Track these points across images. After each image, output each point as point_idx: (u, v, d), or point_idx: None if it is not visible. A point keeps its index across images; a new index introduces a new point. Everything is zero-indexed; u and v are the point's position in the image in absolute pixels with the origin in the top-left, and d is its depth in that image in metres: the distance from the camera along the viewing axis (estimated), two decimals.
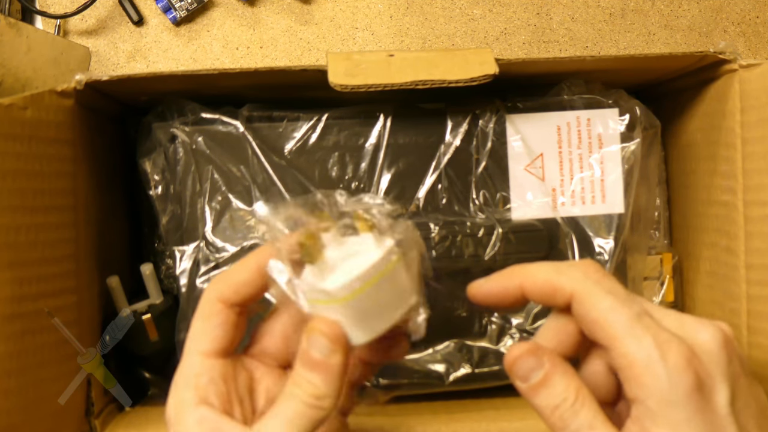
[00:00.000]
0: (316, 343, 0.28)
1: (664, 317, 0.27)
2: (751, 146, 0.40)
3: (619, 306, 0.27)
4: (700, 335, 0.27)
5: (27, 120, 0.36)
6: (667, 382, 0.25)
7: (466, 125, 0.42)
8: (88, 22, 0.56)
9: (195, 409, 0.29)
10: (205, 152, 0.42)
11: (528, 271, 0.29)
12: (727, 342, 0.27)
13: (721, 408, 0.26)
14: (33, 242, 0.36)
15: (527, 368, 0.28)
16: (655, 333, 0.26)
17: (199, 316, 0.30)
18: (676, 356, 0.25)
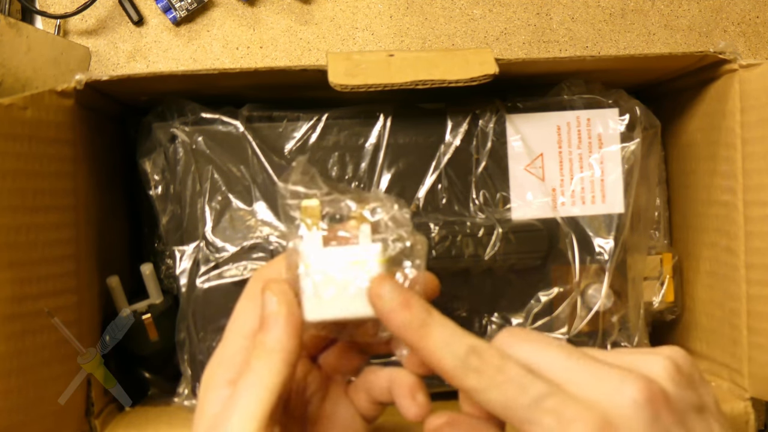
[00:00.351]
0: (266, 301, 0.28)
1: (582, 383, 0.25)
2: (751, 146, 0.40)
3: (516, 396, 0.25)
4: (616, 398, 0.24)
5: (27, 120, 0.36)
6: None
7: (466, 125, 0.42)
8: (88, 22, 0.56)
9: (222, 387, 0.29)
10: (205, 152, 0.42)
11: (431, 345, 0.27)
12: (650, 395, 0.24)
13: None
14: (33, 242, 0.36)
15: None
16: (559, 413, 0.24)
17: (244, 297, 0.30)
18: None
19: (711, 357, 0.45)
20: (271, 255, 0.41)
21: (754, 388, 0.41)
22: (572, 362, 0.26)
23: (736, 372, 0.42)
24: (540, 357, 0.26)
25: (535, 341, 0.27)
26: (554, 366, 0.26)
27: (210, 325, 0.42)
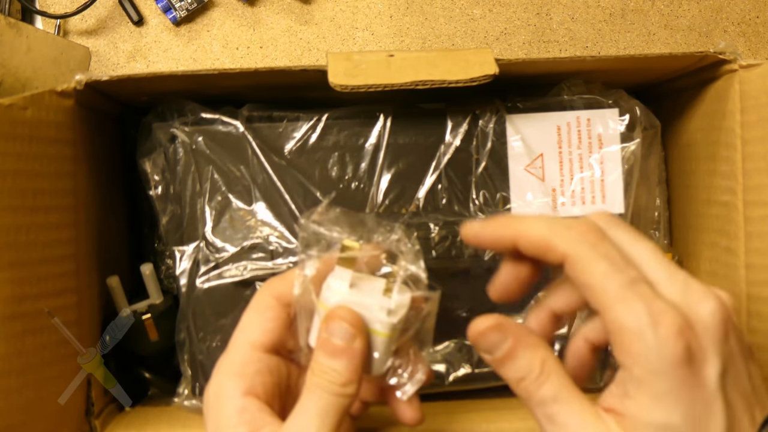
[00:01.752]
0: (337, 330, 0.28)
1: (666, 284, 0.26)
2: (751, 146, 0.40)
3: (613, 272, 0.26)
4: (699, 307, 0.26)
5: (27, 120, 0.36)
6: (655, 350, 0.25)
7: (466, 125, 0.42)
8: (88, 22, 0.56)
9: (239, 398, 0.29)
10: (205, 152, 0.42)
11: (523, 226, 0.28)
12: (726, 317, 0.26)
13: (710, 382, 0.25)
14: (33, 242, 0.36)
15: (491, 343, 0.28)
16: (649, 301, 0.26)
17: (252, 308, 0.31)
18: (668, 326, 0.25)
19: None
20: (271, 255, 0.41)
21: None
22: (663, 264, 0.27)
23: None
24: (633, 248, 0.27)
25: (629, 230, 0.28)
26: (646, 261, 0.27)
27: (210, 325, 0.42)
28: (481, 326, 0.28)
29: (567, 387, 0.27)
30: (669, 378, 0.25)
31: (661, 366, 0.25)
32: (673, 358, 0.25)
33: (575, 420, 0.26)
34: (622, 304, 0.26)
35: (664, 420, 0.25)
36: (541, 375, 0.27)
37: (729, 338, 0.26)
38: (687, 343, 0.25)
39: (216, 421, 0.29)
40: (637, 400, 0.25)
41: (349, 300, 0.29)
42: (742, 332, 0.27)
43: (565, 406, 0.26)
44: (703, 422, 0.25)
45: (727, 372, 0.26)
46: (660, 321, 0.25)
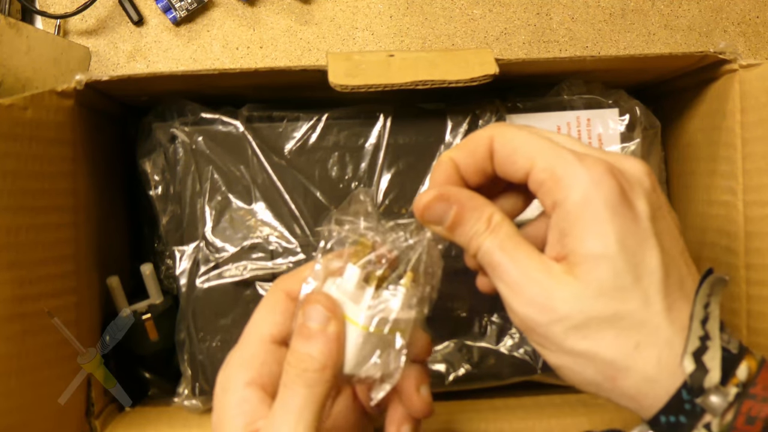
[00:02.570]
0: (313, 314, 0.28)
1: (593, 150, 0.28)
2: (751, 146, 0.40)
3: (533, 136, 0.28)
4: (626, 161, 0.27)
5: (27, 120, 0.36)
6: (589, 182, 0.26)
7: (466, 125, 0.42)
8: (88, 22, 0.56)
9: (242, 389, 0.29)
10: (205, 152, 0.42)
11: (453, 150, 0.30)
12: (650, 173, 0.27)
13: (642, 219, 0.26)
14: (33, 243, 0.36)
15: (438, 214, 0.29)
16: (576, 150, 0.27)
17: (264, 304, 0.31)
18: (598, 166, 0.26)
19: None
20: (271, 255, 0.41)
21: None
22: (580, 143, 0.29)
23: None
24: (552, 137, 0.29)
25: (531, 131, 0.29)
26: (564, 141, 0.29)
27: (210, 325, 0.42)
28: (425, 199, 0.29)
29: (512, 238, 0.28)
30: (603, 208, 0.25)
31: (595, 196, 0.26)
32: (606, 190, 0.26)
33: (519, 266, 0.27)
34: (551, 152, 0.27)
35: (601, 249, 0.25)
36: (486, 230, 0.28)
37: (656, 191, 0.27)
38: (618, 183, 0.26)
39: (219, 410, 0.29)
40: (572, 235, 0.26)
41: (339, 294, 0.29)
42: (664, 197, 0.28)
43: (508, 254, 0.27)
44: (638, 255, 0.25)
45: (656, 218, 0.26)
46: (590, 165, 0.26)
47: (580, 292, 0.25)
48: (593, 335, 0.25)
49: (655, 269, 0.25)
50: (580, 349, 0.25)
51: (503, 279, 0.27)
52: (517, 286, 0.27)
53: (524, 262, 0.27)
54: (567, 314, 0.25)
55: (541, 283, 0.26)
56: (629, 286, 0.25)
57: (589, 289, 0.25)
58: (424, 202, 0.29)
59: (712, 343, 0.25)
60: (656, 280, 0.25)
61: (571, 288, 0.25)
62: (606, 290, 0.25)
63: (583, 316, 0.25)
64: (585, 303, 0.25)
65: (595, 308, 0.25)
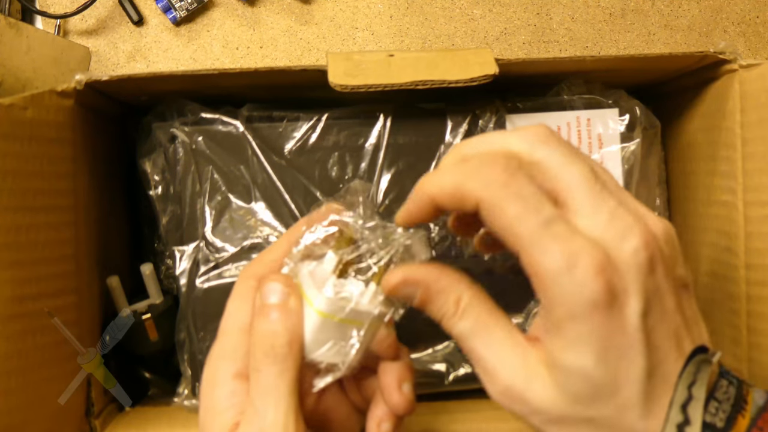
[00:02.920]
0: (271, 291, 0.28)
1: (590, 217, 0.25)
2: (751, 146, 0.40)
3: (526, 213, 0.25)
4: (623, 243, 0.24)
5: (27, 120, 0.36)
6: (572, 294, 0.24)
7: (465, 125, 0.42)
8: (88, 22, 0.56)
9: (230, 382, 0.29)
10: (205, 152, 0.42)
11: (435, 182, 0.27)
12: (651, 251, 0.24)
13: (630, 324, 0.24)
14: (33, 242, 0.36)
15: (405, 295, 0.28)
16: (564, 241, 0.24)
17: (236, 294, 0.31)
18: (586, 267, 0.24)
19: None
20: None
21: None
22: (592, 191, 0.25)
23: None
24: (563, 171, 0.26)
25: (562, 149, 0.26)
26: (575, 188, 0.25)
27: (210, 325, 0.42)
28: (391, 282, 0.28)
29: (483, 321, 0.27)
30: (585, 322, 0.24)
31: (578, 309, 0.24)
32: (590, 301, 0.24)
33: (491, 352, 0.26)
34: (536, 248, 0.24)
35: (578, 364, 0.24)
36: (454, 315, 0.27)
37: (655, 273, 0.25)
38: (606, 284, 0.24)
39: (207, 404, 0.29)
40: (554, 341, 0.25)
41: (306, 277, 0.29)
42: (674, 263, 0.26)
43: (480, 340, 0.26)
44: (621, 366, 0.24)
45: (651, 310, 0.24)
46: (576, 263, 0.24)
47: (555, 395, 0.25)
48: (571, 428, 0.25)
49: (637, 379, 0.24)
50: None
51: (477, 364, 0.27)
52: (491, 374, 0.26)
53: (498, 349, 0.26)
54: (542, 410, 0.25)
55: (516, 374, 0.25)
56: (606, 397, 0.24)
57: (564, 395, 0.25)
58: (390, 286, 0.28)
59: (691, 429, 0.24)
60: (636, 388, 0.24)
61: (545, 387, 0.25)
62: (582, 399, 0.24)
63: (558, 415, 0.25)
64: (559, 405, 0.25)
65: (570, 410, 0.25)
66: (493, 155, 0.27)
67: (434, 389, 0.43)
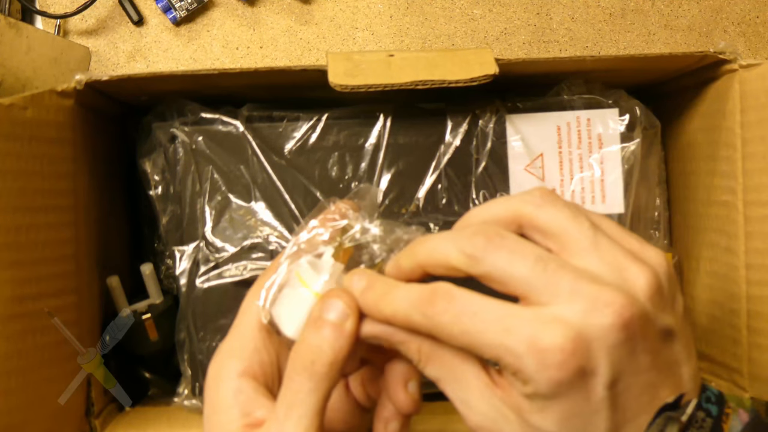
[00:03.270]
0: (332, 307, 0.28)
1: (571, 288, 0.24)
2: (751, 146, 0.40)
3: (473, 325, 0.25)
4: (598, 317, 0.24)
5: (27, 120, 0.36)
6: (537, 373, 0.24)
7: (465, 125, 0.42)
8: (88, 22, 0.56)
9: (235, 380, 0.29)
10: (205, 152, 0.42)
11: (426, 251, 0.28)
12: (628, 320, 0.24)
13: (597, 393, 0.24)
14: (33, 242, 0.36)
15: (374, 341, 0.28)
16: (531, 327, 0.24)
17: (254, 294, 0.31)
18: (551, 352, 0.23)
19: (711, 357, 0.45)
20: (270, 255, 0.41)
21: (754, 388, 0.41)
22: (582, 255, 0.25)
23: (736, 372, 0.42)
24: (559, 233, 0.26)
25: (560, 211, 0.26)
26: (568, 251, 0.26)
27: (210, 325, 0.42)
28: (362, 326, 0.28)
29: (448, 367, 0.27)
30: (549, 396, 0.24)
31: (542, 387, 0.24)
32: (555, 381, 0.24)
33: (461, 396, 0.27)
34: (495, 349, 0.25)
35: (542, 426, 0.25)
36: (419, 362, 0.27)
37: (631, 341, 0.24)
38: (573, 367, 0.24)
39: (212, 402, 0.29)
40: (521, 401, 0.25)
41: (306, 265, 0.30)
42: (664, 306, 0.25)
43: (449, 386, 0.27)
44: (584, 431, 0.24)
45: (620, 378, 0.24)
46: (542, 347, 0.24)
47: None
48: None
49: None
50: None
51: (453, 402, 0.27)
52: (463, 413, 0.27)
53: (466, 393, 0.26)
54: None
55: (485, 417, 0.26)
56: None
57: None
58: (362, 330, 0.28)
59: None
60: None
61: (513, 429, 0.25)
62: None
63: None
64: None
65: None
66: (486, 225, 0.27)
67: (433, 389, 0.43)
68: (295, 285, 0.29)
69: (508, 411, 0.26)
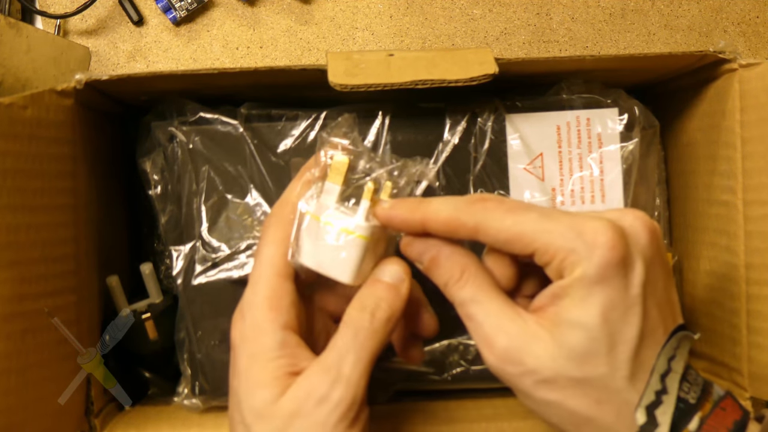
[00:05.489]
0: (389, 270, 0.31)
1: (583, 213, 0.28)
2: (750, 146, 0.40)
3: (522, 217, 0.28)
4: (623, 219, 0.28)
5: (27, 119, 0.36)
6: (587, 257, 0.26)
7: (464, 123, 0.42)
8: (88, 22, 0.56)
9: (279, 332, 0.29)
10: (203, 152, 0.42)
11: (430, 208, 0.30)
12: (650, 226, 0.28)
13: (633, 288, 0.26)
14: (33, 242, 0.36)
15: (417, 251, 0.30)
16: (567, 219, 0.27)
17: (268, 242, 0.32)
18: (596, 233, 0.26)
19: (711, 357, 0.45)
20: None
21: (754, 388, 0.41)
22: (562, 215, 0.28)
23: (736, 372, 0.42)
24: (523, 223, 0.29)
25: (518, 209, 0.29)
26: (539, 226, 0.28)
27: (209, 324, 0.42)
28: (408, 238, 0.31)
29: (485, 290, 0.29)
30: (595, 281, 0.26)
31: (593, 270, 0.26)
32: (602, 261, 0.26)
33: (491, 318, 0.28)
34: (543, 234, 0.27)
35: (582, 319, 0.26)
36: (460, 279, 0.29)
37: (653, 244, 0.27)
38: (617, 247, 0.26)
39: (254, 351, 0.29)
40: (561, 303, 0.27)
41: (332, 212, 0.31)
42: (664, 248, 0.29)
43: (481, 306, 0.28)
44: (619, 326, 0.26)
45: (648, 282, 0.27)
46: (585, 230, 0.26)
47: (553, 352, 0.26)
48: (560, 390, 0.27)
49: (632, 338, 0.26)
50: (547, 399, 0.27)
51: (476, 331, 0.28)
52: (489, 338, 0.28)
53: (497, 315, 0.28)
54: (536, 369, 0.27)
55: (514, 336, 0.27)
56: (602, 355, 0.26)
57: (563, 350, 0.26)
58: (407, 240, 0.31)
59: (668, 398, 0.26)
60: (629, 348, 0.26)
61: (543, 345, 0.27)
62: (578, 355, 0.26)
63: (552, 373, 0.26)
64: (556, 362, 0.26)
65: (564, 368, 0.26)
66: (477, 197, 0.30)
67: (432, 387, 0.43)
68: (333, 232, 0.31)
69: (540, 329, 0.27)
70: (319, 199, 0.32)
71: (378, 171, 0.33)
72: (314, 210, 0.32)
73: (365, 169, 0.33)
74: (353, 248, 0.31)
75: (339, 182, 0.32)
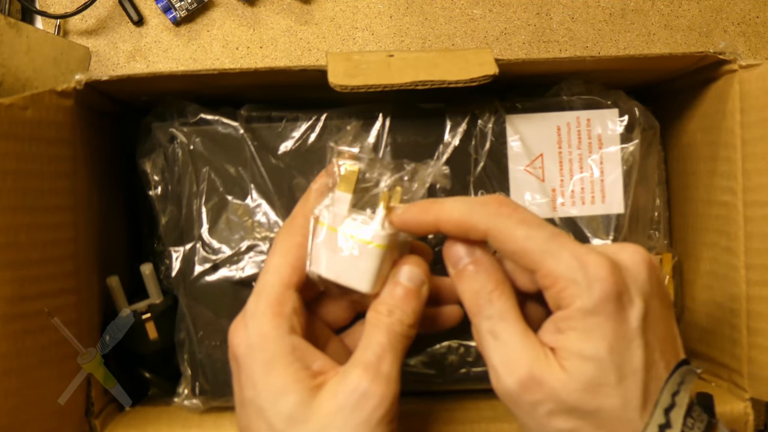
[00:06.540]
0: (410, 274, 0.31)
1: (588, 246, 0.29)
2: (751, 146, 0.40)
3: (532, 232, 0.28)
4: (624, 253, 0.28)
5: (27, 120, 0.36)
6: (586, 290, 0.27)
7: (464, 125, 0.42)
8: (88, 22, 0.56)
9: (287, 337, 0.30)
10: (203, 153, 0.42)
11: (443, 209, 0.30)
12: (650, 263, 0.28)
13: (632, 321, 0.27)
14: (33, 242, 0.36)
15: (457, 255, 0.30)
16: (573, 248, 0.27)
17: (276, 252, 0.32)
18: (596, 267, 0.27)
19: (711, 357, 0.45)
20: None
21: (754, 388, 0.41)
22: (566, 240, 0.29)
23: (735, 372, 0.42)
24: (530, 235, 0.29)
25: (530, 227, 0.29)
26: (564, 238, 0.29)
27: (209, 324, 0.42)
28: (452, 240, 0.31)
29: (514, 310, 0.29)
30: (597, 314, 0.27)
31: (591, 303, 0.27)
32: (602, 294, 0.26)
33: (516, 339, 0.28)
34: (549, 258, 0.27)
35: (592, 352, 0.27)
36: (494, 291, 0.29)
37: (651, 281, 0.28)
38: (615, 282, 0.27)
39: (268, 361, 0.29)
40: (567, 335, 0.27)
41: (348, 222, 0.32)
42: (662, 279, 0.29)
43: (509, 325, 0.28)
44: (625, 357, 0.27)
45: (647, 315, 0.27)
46: (587, 263, 0.27)
47: (567, 384, 0.27)
48: (575, 420, 0.27)
49: (638, 369, 0.27)
50: (561, 429, 0.27)
51: (498, 350, 0.28)
52: (512, 360, 0.28)
53: (523, 339, 0.28)
54: (554, 398, 0.27)
55: (536, 361, 0.27)
56: (613, 385, 0.27)
57: (576, 383, 0.27)
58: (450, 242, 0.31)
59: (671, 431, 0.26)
60: (638, 379, 0.27)
61: (559, 377, 0.27)
62: (591, 387, 0.27)
63: (568, 406, 0.27)
64: (571, 394, 0.27)
65: (579, 400, 0.27)
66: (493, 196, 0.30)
67: (432, 388, 0.43)
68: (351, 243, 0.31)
69: (553, 362, 0.27)
70: (332, 209, 0.32)
71: (390, 177, 0.33)
72: (330, 221, 0.32)
73: (375, 176, 0.33)
74: (371, 258, 0.31)
75: (350, 191, 0.32)
